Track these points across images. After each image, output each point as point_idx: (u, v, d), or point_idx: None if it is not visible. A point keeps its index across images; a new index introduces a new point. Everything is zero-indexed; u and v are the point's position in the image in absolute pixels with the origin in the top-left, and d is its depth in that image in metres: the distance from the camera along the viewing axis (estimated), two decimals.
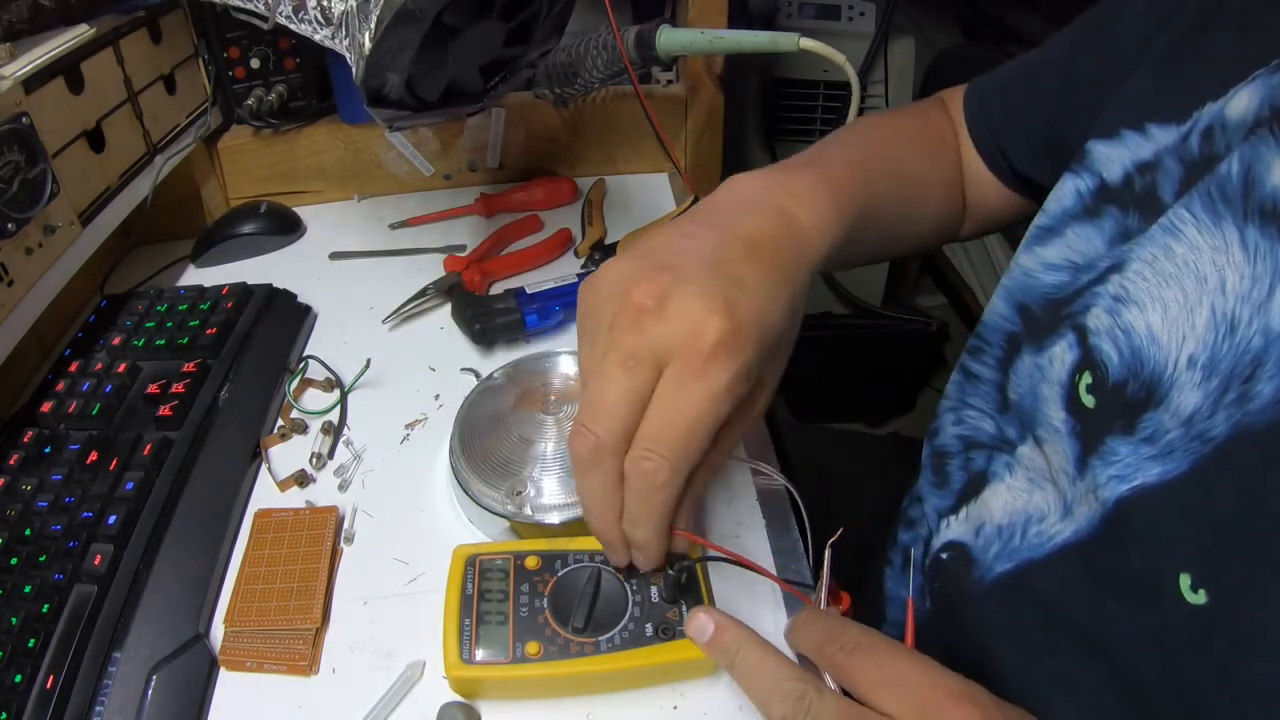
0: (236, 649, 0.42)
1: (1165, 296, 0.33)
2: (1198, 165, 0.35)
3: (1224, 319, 0.31)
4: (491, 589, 0.40)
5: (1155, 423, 0.33)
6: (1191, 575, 0.30)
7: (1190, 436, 0.31)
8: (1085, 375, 0.36)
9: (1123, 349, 0.34)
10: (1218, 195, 0.32)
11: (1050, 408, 0.38)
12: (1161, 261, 0.34)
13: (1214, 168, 0.33)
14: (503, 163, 0.83)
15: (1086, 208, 0.41)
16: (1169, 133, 0.37)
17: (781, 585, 0.43)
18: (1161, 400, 0.33)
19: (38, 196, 0.53)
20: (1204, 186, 0.33)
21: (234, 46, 0.75)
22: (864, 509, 0.68)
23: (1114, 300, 0.36)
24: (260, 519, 0.48)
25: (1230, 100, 0.34)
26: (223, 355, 0.59)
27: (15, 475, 0.49)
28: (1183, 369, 0.32)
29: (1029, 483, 0.41)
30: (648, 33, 0.63)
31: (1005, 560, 0.41)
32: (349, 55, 0.50)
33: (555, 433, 0.48)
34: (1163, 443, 0.32)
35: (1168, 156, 0.37)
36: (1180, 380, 0.32)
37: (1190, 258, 0.33)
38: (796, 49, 0.58)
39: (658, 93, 0.81)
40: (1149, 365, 0.33)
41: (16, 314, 0.52)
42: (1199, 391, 0.31)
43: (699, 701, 0.39)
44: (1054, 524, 0.38)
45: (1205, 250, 0.32)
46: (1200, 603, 0.30)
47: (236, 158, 0.80)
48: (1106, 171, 0.40)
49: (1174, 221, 0.34)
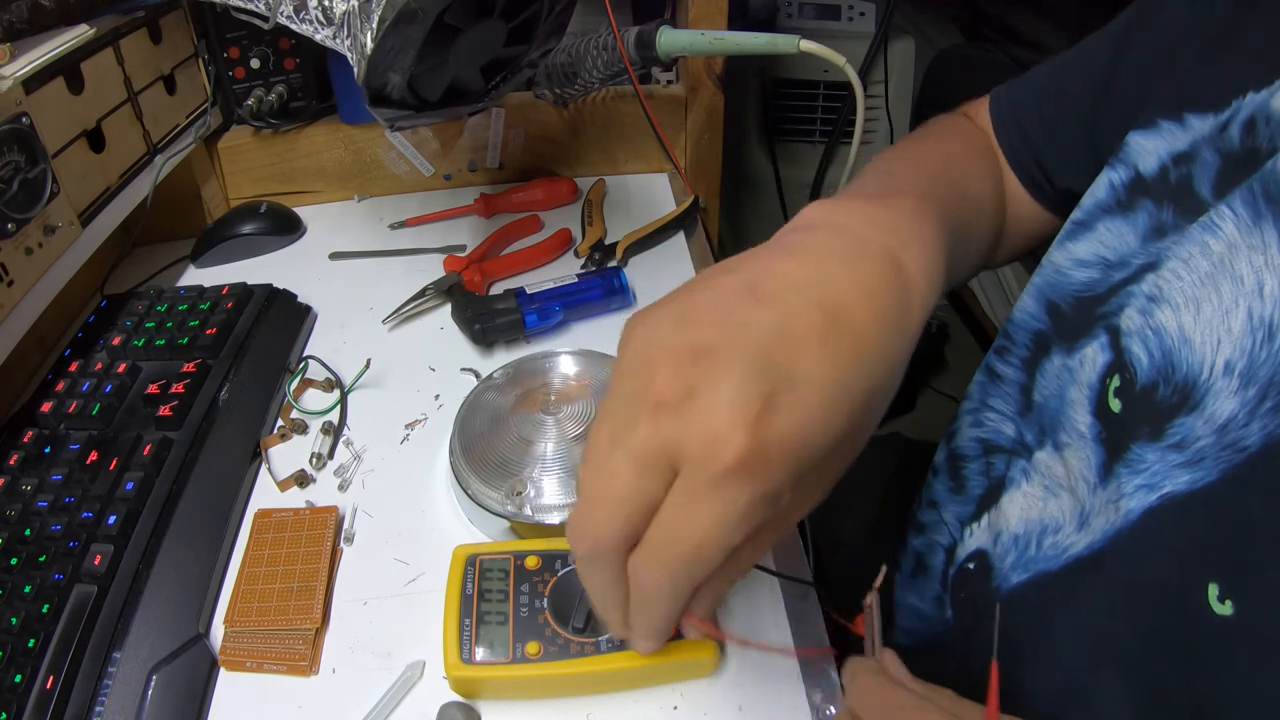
0: (236, 649, 0.42)
1: (1199, 296, 0.32)
2: (1237, 157, 0.34)
3: (1261, 324, 0.30)
4: (491, 589, 0.40)
5: (1186, 429, 0.31)
6: (1219, 586, 0.29)
7: (1223, 445, 0.30)
8: (1115, 379, 0.35)
9: (1153, 350, 0.33)
10: (1260, 193, 0.31)
11: (1076, 411, 0.37)
12: (1197, 259, 0.33)
13: (1257, 162, 0.32)
14: (503, 163, 0.83)
15: (1120, 200, 0.39)
16: (1206, 122, 0.36)
17: (801, 654, 0.41)
18: (1196, 406, 0.31)
19: (38, 196, 0.53)
20: (1247, 185, 0.32)
21: (234, 46, 0.75)
22: (864, 508, 0.68)
23: (1148, 300, 0.34)
24: (260, 519, 0.48)
25: (1276, 93, 0.33)
26: (223, 355, 0.59)
27: (15, 475, 0.49)
28: (1219, 375, 0.31)
29: (1045, 490, 0.39)
30: (648, 33, 0.63)
31: (1021, 571, 0.40)
32: (350, 55, 0.50)
33: (555, 433, 0.48)
34: (1192, 450, 0.31)
35: (1205, 147, 0.35)
36: (1217, 387, 0.31)
37: (1227, 256, 0.31)
38: (796, 50, 0.58)
39: (658, 93, 0.81)
40: (1182, 369, 0.32)
41: (16, 314, 0.52)
42: (1235, 399, 0.30)
43: (699, 701, 0.39)
44: (1069, 535, 0.37)
45: (1243, 249, 0.31)
46: (1227, 614, 0.29)
47: (236, 158, 0.80)
48: (1142, 163, 0.38)
49: (1213, 219, 0.33)
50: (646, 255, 0.72)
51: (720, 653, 0.40)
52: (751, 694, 0.39)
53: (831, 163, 1.29)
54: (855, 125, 0.61)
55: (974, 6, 1.49)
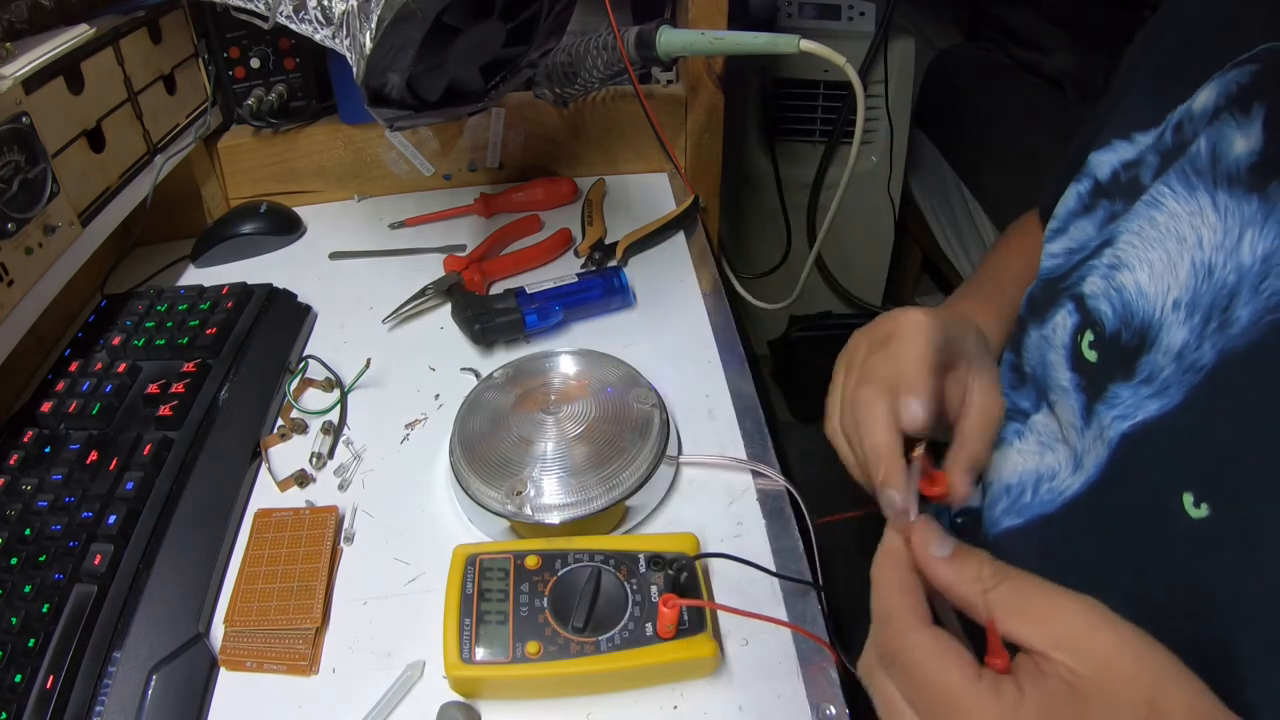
0: (236, 649, 0.42)
1: (1151, 257, 0.38)
2: (1171, 153, 0.40)
3: (1202, 266, 0.35)
4: (491, 589, 0.40)
5: (1151, 364, 0.36)
6: (1194, 493, 0.33)
7: (1182, 370, 0.35)
8: (1087, 334, 0.40)
9: (1115, 305, 0.39)
10: (1190, 170, 0.38)
11: (1058, 371, 0.42)
12: (1147, 230, 0.39)
13: (1185, 150, 0.38)
14: (503, 163, 0.83)
15: (1085, 205, 0.46)
16: (1149, 136, 0.43)
17: (794, 629, 0.42)
18: (1153, 342, 0.37)
19: (38, 196, 0.53)
20: (1179, 165, 0.38)
21: (234, 46, 0.75)
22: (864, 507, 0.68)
23: (1108, 268, 0.40)
24: (260, 519, 0.48)
25: (1195, 98, 0.40)
26: (223, 355, 0.59)
27: (15, 475, 0.49)
28: (1168, 312, 0.36)
29: (1040, 445, 0.44)
30: (648, 33, 0.63)
31: (1013, 516, 0.43)
32: (349, 55, 0.50)
33: (555, 432, 0.48)
34: (1159, 380, 0.36)
35: (1149, 153, 0.43)
36: (1167, 321, 0.36)
37: (1171, 224, 0.38)
38: (797, 50, 0.58)
39: (658, 93, 0.81)
40: (1139, 315, 0.38)
41: (16, 314, 0.52)
42: (1184, 328, 0.35)
43: (699, 701, 0.39)
44: (1065, 479, 0.41)
45: (1183, 216, 0.37)
46: (1203, 515, 0.32)
47: (236, 158, 0.80)
48: (1099, 173, 0.45)
49: (1155, 196, 0.39)
50: (646, 255, 0.72)
51: (720, 653, 0.40)
52: (751, 694, 0.39)
53: (831, 162, 1.29)
54: (855, 125, 0.61)
55: (974, 6, 1.49)
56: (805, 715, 0.38)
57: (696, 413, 0.55)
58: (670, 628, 0.39)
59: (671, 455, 0.50)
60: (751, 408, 0.55)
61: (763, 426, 0.54)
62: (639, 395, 0.51)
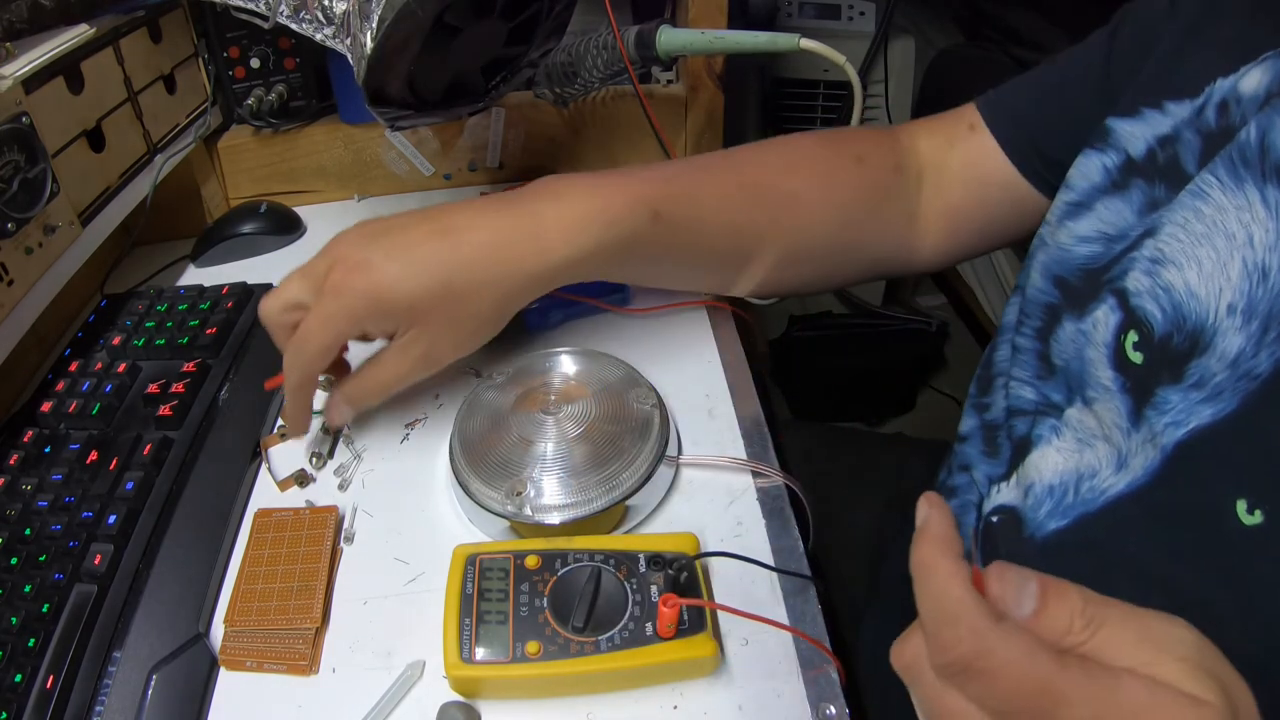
0: (236, 649, 0.42)
1: (1199, 255, 0.36)
2: (1215, 136, 0.38)
3: (1255, 268, 0.34)
4: (491, 588, 0.40)
5: (1202, 369, 0.35)
6: (1247, 500, 0.33)
7: (1237, 376, 0.34)
8: (1131, 334, 0.39)
9: (1164, 306, 0.37)
10: (1238, 160, 0.36)
11: (1098, 369, 0.41)
12: (1193, 223, 0.37)
13: (1232, 137, 0.36)
14: (503, 163, 0.83)
15: (1114, 182, 0.44)
16: (1184, 108, 0.40)
17: (794, 633, 0.41)
18: (1206, 347, 0.35)
19: (38, 196, 0.53)
20: (1225, 154, 0.36)
21: (234, 46, 0.75)
22: (867, 506, 0.68)
23: (1151, 263, 0.38)
24: (260, 519, 0.48)
25: (1243, 77, 0.38)
26: (223, 355, 0.59)
27: (15, 475, 0.49)
28: (1223, 317, 0.35)
29: (1078, 443, 0.43)
30: (648, 33, 0.63)
31: (1059, 517, 0.43)
32: (350, 55, 0.50)
33: (555, 432, 0.48)
34: (1211, 386, 0.35)
35: (1185, 129, 0.40)
36: (1223, 327, 0.35)
37: (1218, 218, 0.36)
38: (796, 49, 0.58)
39: (658, 93, 0.80)
40: (1191, 318, 0.36)
41: (16, 314, 0.52)
42: (1241, 335, 0.34)
43: (699, 701, 0.39)
44: (1107, 478, 0.40)
45: (1231, 210, 0.35)
46: (1257, 523, 0.32)
47: (236, 157, 0.80)
48: (1131, 147, 0.43)
49: (1200, 186, 0.37)
50: None
51: (720, 653, 0.40)
52: (751, 693, 0.39)
53: None
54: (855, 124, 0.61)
55: (974, 6, 1.49)
56: (805, 715, 0.38)
57: (696, 413, 0.55)
58: (670, 627, 0.39)
59: (671, 455, 0.50)
60: (751, 407, 0.55)
61: (763, 426, 0.54)
62: (639, 395, 0.51)
